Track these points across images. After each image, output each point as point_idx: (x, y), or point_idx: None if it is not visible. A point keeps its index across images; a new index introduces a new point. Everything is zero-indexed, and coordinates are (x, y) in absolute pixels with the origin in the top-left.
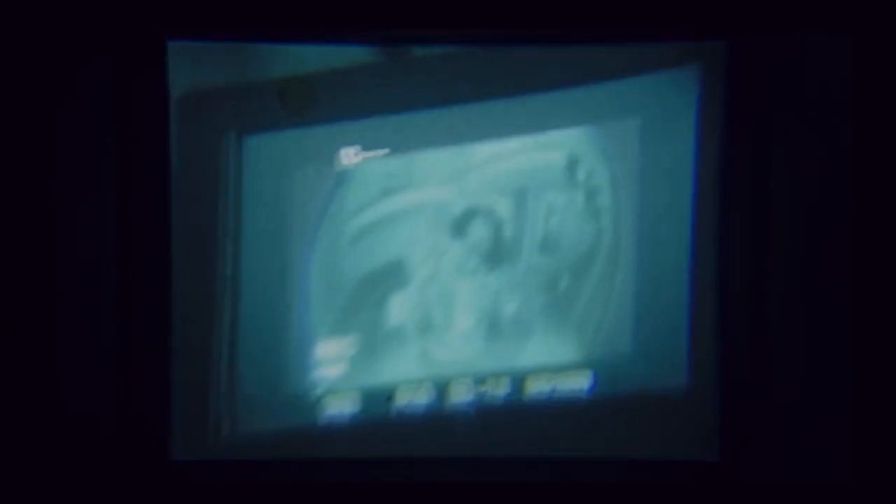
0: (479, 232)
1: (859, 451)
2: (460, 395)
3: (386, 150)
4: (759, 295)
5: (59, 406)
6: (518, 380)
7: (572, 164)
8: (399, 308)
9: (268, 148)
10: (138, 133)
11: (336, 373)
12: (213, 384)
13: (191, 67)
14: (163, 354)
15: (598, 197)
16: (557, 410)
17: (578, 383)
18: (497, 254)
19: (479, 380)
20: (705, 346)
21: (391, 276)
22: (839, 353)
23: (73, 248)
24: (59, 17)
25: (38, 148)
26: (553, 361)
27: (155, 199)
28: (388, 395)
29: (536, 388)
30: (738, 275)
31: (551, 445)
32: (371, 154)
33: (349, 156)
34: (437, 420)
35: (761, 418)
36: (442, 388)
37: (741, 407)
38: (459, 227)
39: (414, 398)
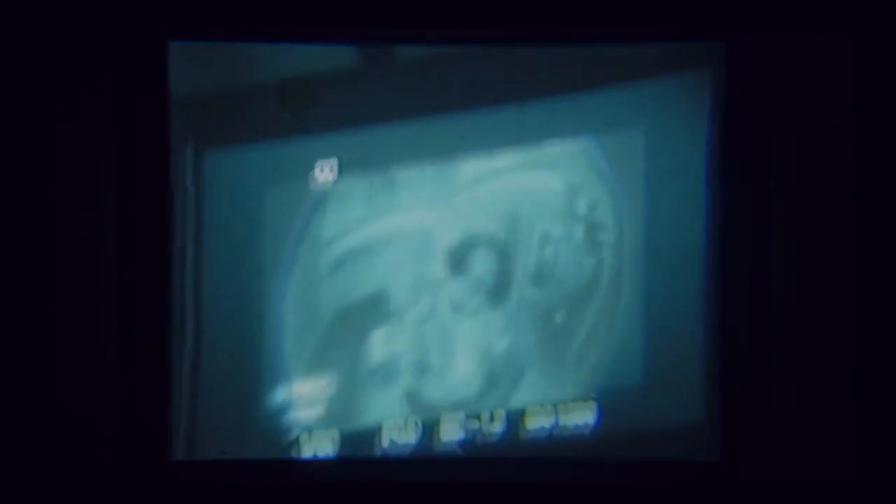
0: (478, 266)
1: (859, 451)
2: (451, 434)
3: (365, 167)
4: (758, 295)
5: (59, 406)
6: (514, 419)
7: (569, 185)
8: (382, 344)
9: (233, 164)
10: (138, 133)
11: (313, 414)
12: (171, 426)
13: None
14: (162, 355)
15: (599, 219)
16: (558, 449)
17: (581, 421)
18: (492, 285)
19: (472, 416)
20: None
21: (373, 309)
22: (839, 353)
23: (73, 248)
24: (59, 17)
25: (38, 148)
26: (548, 401)
27: (155, 199)
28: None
29: (534, 426)
30: (737, 274)
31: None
32: (348, 171)
33: (325, 173)
34: (425, 461)
35: (761, 418)
36: (430, 426)
37: (741, 407)
38: (454, 259)
39: (399, 437)
